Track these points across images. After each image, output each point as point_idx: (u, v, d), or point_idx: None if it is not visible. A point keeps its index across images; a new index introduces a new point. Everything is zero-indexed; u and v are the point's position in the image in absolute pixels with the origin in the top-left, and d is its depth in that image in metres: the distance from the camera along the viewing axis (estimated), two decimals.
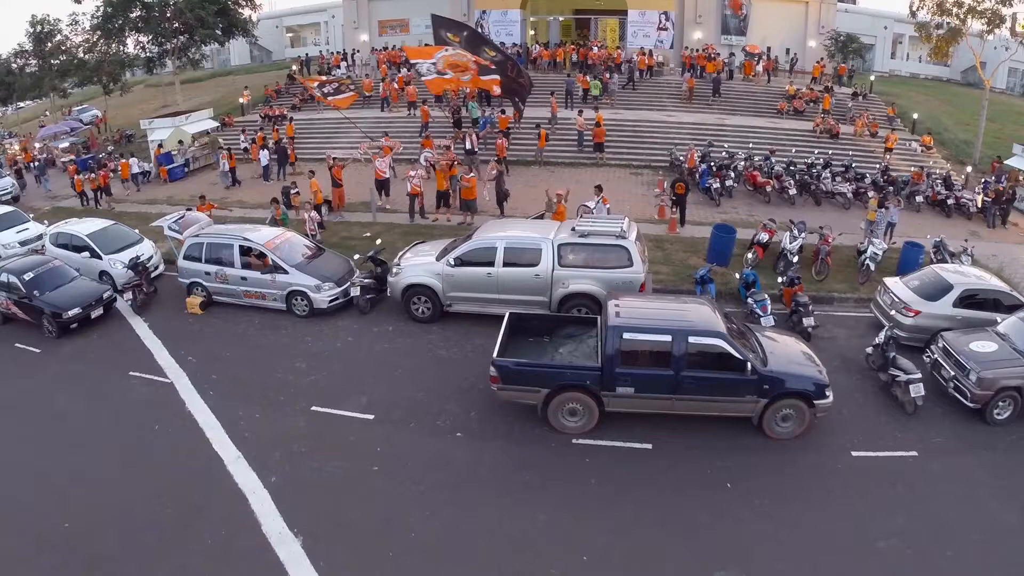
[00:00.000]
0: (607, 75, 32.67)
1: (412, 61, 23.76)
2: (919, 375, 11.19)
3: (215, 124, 31.88)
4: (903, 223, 19.07)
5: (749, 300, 14.30)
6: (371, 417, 11.10)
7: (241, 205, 23.11)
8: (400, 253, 14.77)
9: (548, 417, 10.65)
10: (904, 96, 36.20)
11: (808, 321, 13.58)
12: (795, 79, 35.54)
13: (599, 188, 17.72)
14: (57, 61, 40.72)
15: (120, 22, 36.22)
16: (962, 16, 28.31)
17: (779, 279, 15.13)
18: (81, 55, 40.70)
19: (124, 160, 27.09)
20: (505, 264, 13.31)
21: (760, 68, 36.16)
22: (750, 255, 16.83)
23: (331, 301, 14.39)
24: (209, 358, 13.23)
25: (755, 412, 10.45)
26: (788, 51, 38.92)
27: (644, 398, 10.47)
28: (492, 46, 25.16)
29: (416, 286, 13.83)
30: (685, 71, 35.08)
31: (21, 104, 51.07)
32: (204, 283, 15.27)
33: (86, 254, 16.99)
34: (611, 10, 40.42)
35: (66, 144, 35.09)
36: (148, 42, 38.00)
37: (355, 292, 14.38)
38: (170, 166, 27.76)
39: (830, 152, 26.14)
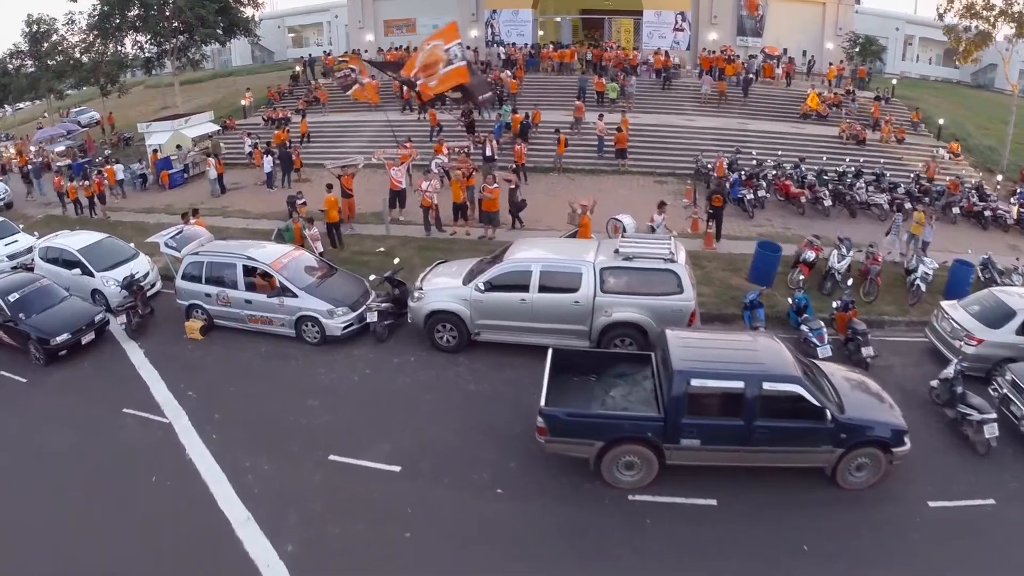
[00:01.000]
0: (623, 76, 31.37)
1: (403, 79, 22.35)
2: (994, 415, 10.19)
3: (216, 128, 30.51)
4: (940, 236, 17.91)
5: (803, 328, 13.02)
6: (397, 469, 9.75)
7: (244, 215, 21.74)
8: (422, 275, 13.42)
9: (601, 471, 9.34)
10: (919, 99, 34.96)
11: (867, 351, 12.37)
12: (815, 82, 34.30)
13: (662, 205, 16.45)
14: (53, 62, 39.32)
15: (117, 21, 34.81)
16: (993, 19, 27.03)
17: (833, 304, 13.85)
18: (77, 55, 39.37)
19: (109, 166, 25.68)
20: (541, 289, 11.97)
21: (780, 71, 34.93)
22: (796, 275, 15.63)
23: (345, 328, 13.04)
24: (211, 393, 11.90)
25: (830, 463, 9.35)
26: (804, 53, 37.69)
27: (711, 450, 9.24)
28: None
29: (441, 312, 12.48)
30: (703, 73, 33.75)
31: (20, 105, 49.64)
32: (204, 306, 13.93)
33: (77, 271, 15.68)
34: (621, 10, 39.17)
35: (62, 148, 33.72)
36: (146, 42, 36.64)
37: (372, 317, 13.02)
38: (170, 171, 26.38)
39: (862, 160, 24.87)
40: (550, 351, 10.26)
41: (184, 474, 9.88)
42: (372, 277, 14.04)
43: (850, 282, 14.96)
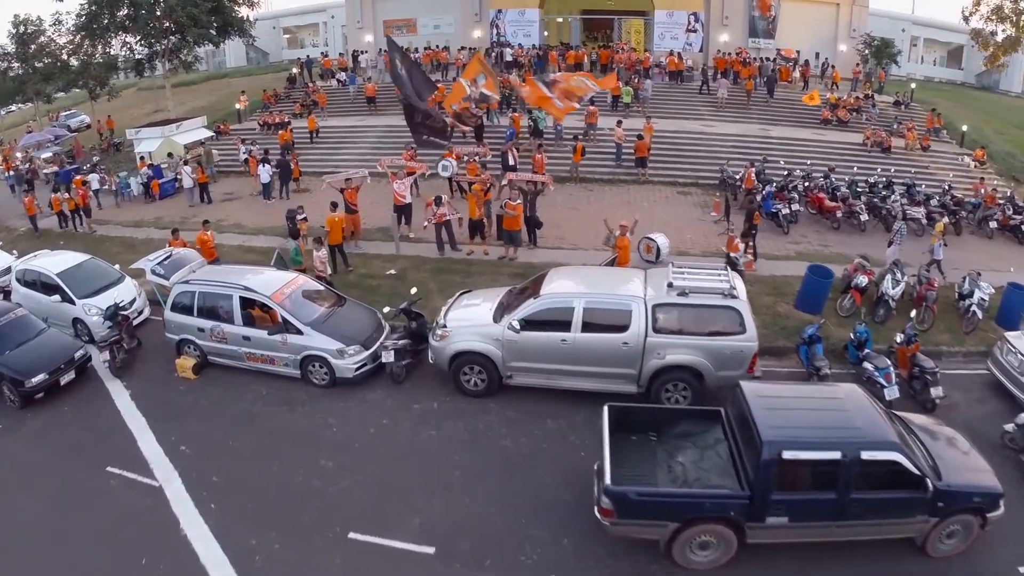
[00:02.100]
0: (638, 80, 29.98)
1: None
2: None
3: (209, 133, 28.89)
4: (978, 252, 17.06)
5: (866, 365, 11.65)
6: (431, 551, 8.27)
7: (239, 230, 20.17)
8: (444, 308, 11.90)
9: (672, 552, 7.94)
10: (929, 102, 33.69)
11: (936, 391, 11.10)
12: (834, 86, 33.03)
13: (747, 236, 14.78)
14: (41, 64, 37.59)
15: (105, 22, 33.11)
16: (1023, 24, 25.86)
17: (896, 337, 12.45)
18: (65, 58, 37.65)
19: (79, 176, 23.99)
20: (584, 328, 10.52)
21: (797, 74, 33.63)
22: (846, 302, 14.30)
23: (358, 369, 11.53)
24: (207, 448, 10.39)
25: (923, 532, 8.18)
26: (817, 55, 36.41)
27: (799, 527, 7.93)
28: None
29: (468, 353, 11.00)
30: (719, 75, 32.35)
31: (13, 108, 47.82)
32: (197, 341, 12.39)
33: (57, 297, 14.17)
34: (627, 10, 37.83)
35: (49, 154, 32.05)
36: (136, 43, 34.94)
37: (388, 358, 11.49)
38: (161, 180, 24.79)
39: (893, 170, 23.56)
40: (606, 409, 8.82)
41: (179, 556, 8.41)
42: (386, 309, 12.50)
43: (913, 313, 13.65)
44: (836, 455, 7.64)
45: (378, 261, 16.63)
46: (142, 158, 26.05)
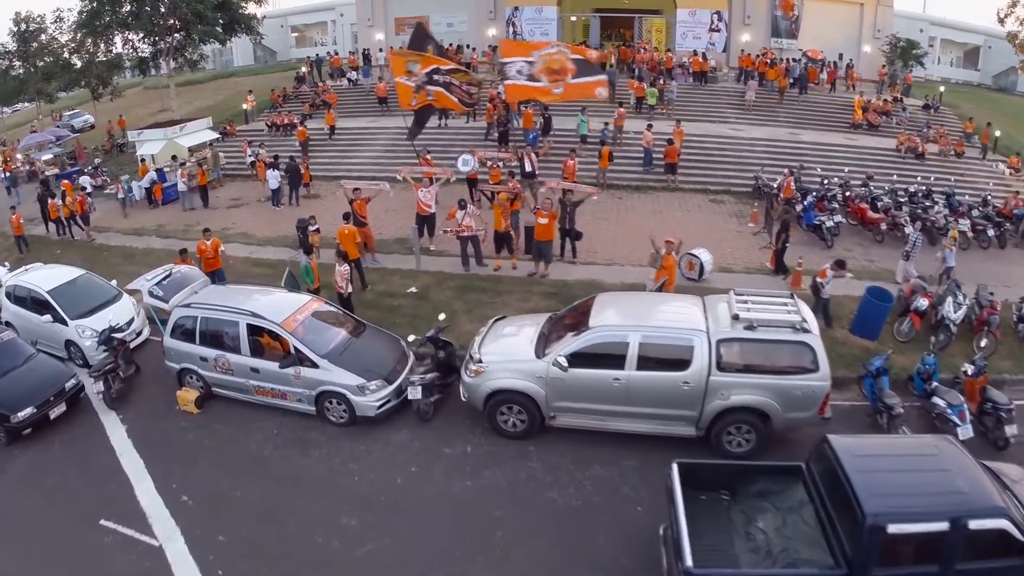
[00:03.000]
0: (662, 81, 28.69)
1: (504, 60, 18.41)
2: None
3: (214, 135, 27.71)
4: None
5: (936, 400, 10.43)
6: None
7: (245, 240, 18.95)
8: (478, 339, 10.61)
9: None
10: (954, 105, 32.38)
11: (1011, 430, 9.94)
12: (863, 89, 31.75)
13: (840, 264, 13.00)
14: (42, 63, 36.49)
15: (107, 19, 31.97)
16: None
17: (965, 368, 11.15)
18: (67, 56, 36.54)
19: (67, 181, 22.78)
20: (640, 365, 9.27)
21: (825, 76, 32.35)
22: (905, 326, 13.05)
23: (381, 407, 10.27)
24: (212, 499, 9.18)
25: None
26: (841, 56, 35.15)
27: None
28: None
29: (507, 392, 9.76)
30: (742, 77, 31.02)
31: (19, 106, 46.80)
32: (200, 371, 11.16)
33: (48, 317, 12.98)
34: (644, 9, 36.61)
35: (49, 156, 30.91)
36: (139, 40, 33.80)
37: (415, 394, 10.23)
38: (165, 185, 23.62)
39: (932, 177, 22.25)
40: (675, 469, 7.58)
41: None
42: (412, 337, 11.22)
43: (983, 343, 12.42)
44: (943, 526, 6.52)
45: (397, 277, 15.36)
46: (143, 161, 24.87)
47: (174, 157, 24.66)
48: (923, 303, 13.27)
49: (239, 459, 9.97)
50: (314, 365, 10.26)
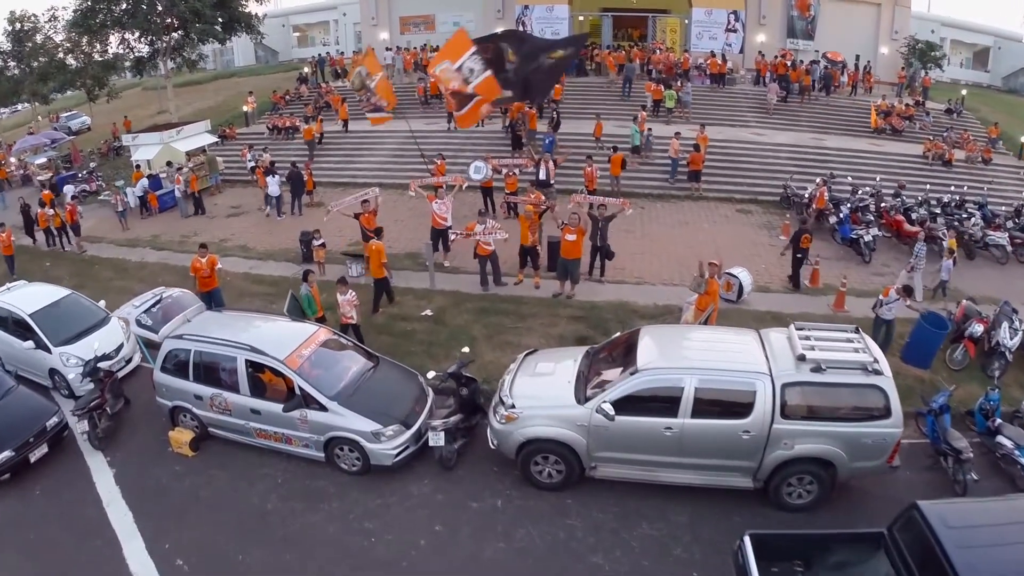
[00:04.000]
0: (679, 83, 27.57)
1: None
2: None
3: (213, 139, 26.54)
4: None
5: (1003, 440, 9.44)
6: None
7: (244, 253, 17.81)
8: (508, 378, 9.44)
9: None
10: (974, 108, 31.31)
11: None
12: (885, 91, 30.68)
13: (908, 292, 11.93)
14: (37, 63, 35.35)
15: (101, 17, 30.82)
16: None
17: None
18: (61, 56, 35.38)
19: (46, 191, 21.52)
20: (695, 413, 8.15)
21: (846, 79, 31.28)
22: (959, 354, 12.01)
23: (398, 455, 9.12)
24: (211, 562, 8.06)
25: None
26: (858, 58, 34.08)
27: None
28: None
29: (544, 441, 8.63)
30: (770, 79, 29.83)
31: (18, 108, 45.61)
32: (194, 410, 10.02)
33: (31, 343, 11.81)
34: (655, 9, 35.48)
35: (43, 160, 29.72)
36: (135, 39, 32.66)
37: (437, 440, 9.09)
38: (160, 192, 22.49)
39: (965, 187, 21.19)
40: (748, 541, 6.50)
41: None
42: (431, 374, 10.08)
43: None
44: None
45: (410, 297, 14.20)
46: (138, 167, 23.72)
47: (169, 163, 23.47)
48: (978, 329, 12.24)
49: (239, 513, 8.84)
50: (322, 408, 9.10)
